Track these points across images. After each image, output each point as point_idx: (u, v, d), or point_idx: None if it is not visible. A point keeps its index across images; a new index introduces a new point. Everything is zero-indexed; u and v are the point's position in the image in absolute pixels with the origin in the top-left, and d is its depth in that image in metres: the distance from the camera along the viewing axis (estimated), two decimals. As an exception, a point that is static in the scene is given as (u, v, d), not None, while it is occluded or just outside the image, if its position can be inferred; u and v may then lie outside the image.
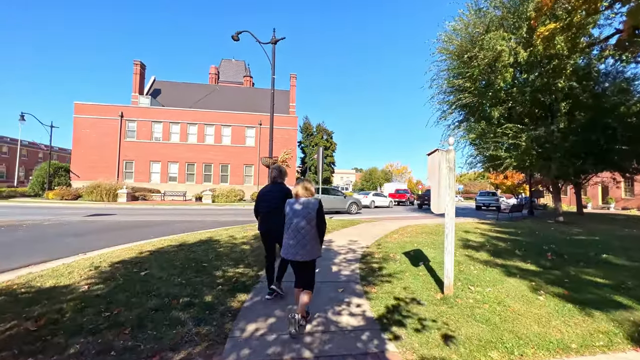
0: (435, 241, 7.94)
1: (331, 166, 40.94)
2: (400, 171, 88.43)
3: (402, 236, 8.83)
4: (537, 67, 12.27)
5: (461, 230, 10.25)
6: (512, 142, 11.89)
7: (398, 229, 10.42)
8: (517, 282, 4.49)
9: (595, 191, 40.46)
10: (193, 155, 29.47)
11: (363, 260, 5.96)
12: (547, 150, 11.65)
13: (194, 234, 8.36)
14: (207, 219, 13.33)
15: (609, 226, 12.81)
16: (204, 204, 23.10)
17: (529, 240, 8.42)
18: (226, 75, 50.07)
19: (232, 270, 4.94)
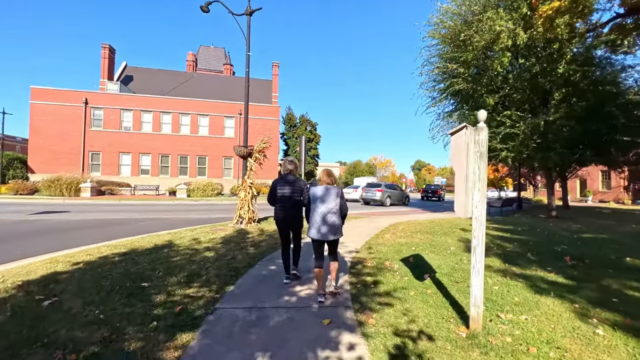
0: (434, 243, 6.92)
1: (315, 159, 39.64)
2: (384, 164, 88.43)
3: (396, 236, 7.78)
4: (536, 52, 11.44)
5: (458, 228, 9.33)
6: (510, 132, 11.06)
7: (389, 227, 9.38)
8: (555, 304, 3.47)
9: (574, 184, 41.31)
10: (167, 146, 27.45)
11: (353, 270, 4.82)
12: (547, 140, 10.90)
13: (150, 237, 6.97)
14: (177, 216, 11.86)
15: (604, 221, 12.31)
16: (178, 198, 21.39)
17: (535, 239, 7.56)
18: (204, 63, 47.52)
19: (181, 292, 3.68)
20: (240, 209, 8.98)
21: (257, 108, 30.60)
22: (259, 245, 6.46)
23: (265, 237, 7.28)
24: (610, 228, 9.93)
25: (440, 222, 10.92)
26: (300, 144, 10.89)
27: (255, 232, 7.90)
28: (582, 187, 39.98)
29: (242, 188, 9.16)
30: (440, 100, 14.55)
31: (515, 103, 11.52)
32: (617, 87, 11.66)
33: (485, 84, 12.69)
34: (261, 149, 9.34)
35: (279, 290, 3.92)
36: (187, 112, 28.13)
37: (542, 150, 11.10)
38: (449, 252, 5.97)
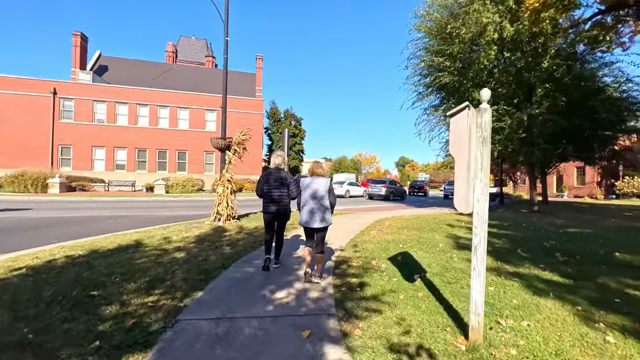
0: (422, 240, 6.62)
1: (300, 154, 39.03)
2: (369, 160, 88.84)
3: (382, 232, 7.45)
4: (522, 46, 11.35)
5: (444, 223, 9.13)
6: (496, 126, 10.95)
7: (375, 223, 9.06)
8: (556, 306, 3.18)
9: (552, 180, 42.65)
10: (144, 140, 26.20)
11: (337, 270, 4.42)
12: (532, 135, 10.86)
13: (116, 237, 6.34)
14: (152, 214, 11.13)
15: (584, 215, 12.49)
16: (156, 195, 20.41)
17: (523, 235, 7.41)
18: (185, 54, 45.83)
19: (138, 301, 3.16)
20: (218, 205, 8.41)
21: (240, 101, 29.71)
22: (236, 244, 5.96)
23: (244, 235, 6.78)
24: (592, 222, 10.01)
25: (426, 217, 10.72)
26: (283, 136, 10.40)
27: (234, 230, 7.38)
28: (559, 183, 41.32)
29: (220, 183, 8.59)
30: (426, 95, 14.35)
31: (501, 97, 11.43)
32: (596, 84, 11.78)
33: (471, 78, 12.54)
34: (241, 141, 8.78)
35: (254, 295, 3.47)
36: (166, 104, 26.92)
37: (526, 145, 11.07)
38: (437, 250, 5.67)
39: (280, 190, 4.40)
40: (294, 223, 7.73)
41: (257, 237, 6.62)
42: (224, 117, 9.05)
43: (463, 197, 2.42)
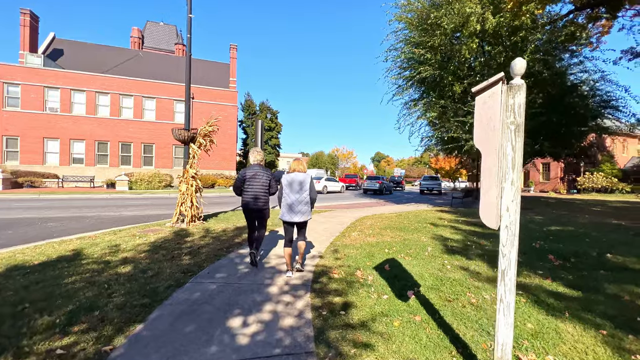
0: (408, 242, 6.09)
1: (276, 149, 37.83)
2: (346, 156, 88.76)
3: (364, 234, 6.85)
4: (503, 40, 11.15)
5: (427, 222, 8.71)
6: None
7: (355, 223, 8.47)
8: (577, 331, 2.68)
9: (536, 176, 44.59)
10: (105, 132, 24.08)
11: (316, 285, 3.74)
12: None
13: (49, 245, 5.26)
14: (107, 214, 9.88)
15: (557, 211, 12.65)
16: (118, 191, 18.73)
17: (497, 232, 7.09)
18: (153, 41, 42.94)
19: (42, 347, 2.29)
20: (181, 205, 7.45)
21: (212, 92, 28.16)
22: (198, 252, 5.11)
23: (209, 240, 5.92)
24: (569, 219, 10.02)
25: (408, 215, 10.30)
26: (256, 129, 9.55)
27: (198, 234, 6.48)
28: (526, 178, 43.21)
29: (183, 180, 7.61)
30: (406, 88, 13.93)
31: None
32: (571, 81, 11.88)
33: (452, 71, 12.24)
34: (207, 133, 7.82)
35: (212, 326, 2.70)
36: (130, 93, 24.87)
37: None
38: (426, 255, 5.14)
39: (259, 187, 4.33)
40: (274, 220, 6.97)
41: (224, 242, 5.79)
42: (188, 105, 8.04)
43: (493, 206, 1.79)
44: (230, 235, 6.40)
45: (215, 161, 27.96)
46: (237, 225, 7.58)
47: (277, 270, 4.28)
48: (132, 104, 24.94)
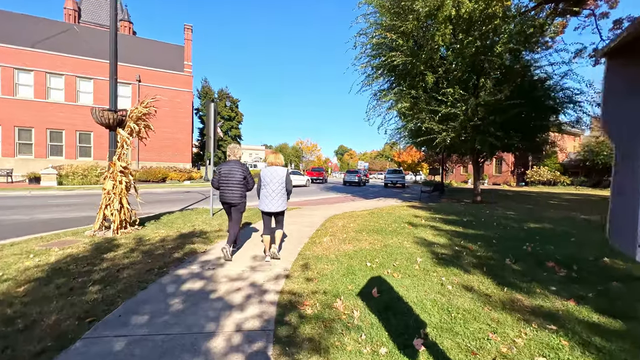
0: (391, 250, 5.15)
1: (237, 140, 35.47)
2: (311, 148, 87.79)
3: (338, 239, 5.81)
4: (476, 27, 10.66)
5: (403, 221, 7.93)
6: (450, 112, 10.13)
7: (326, 224, 7.42)
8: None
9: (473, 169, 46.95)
10: (29, 116, 20.43)
11: (282, 330, 2.59)
12: (486, 122, 10.33)
13: None
14: (13, 218, 7.77)
15: (522, 204, 12.75)
16: (42, 187, 15.80)
17: (493, 234, 6.50)
18: (91, 15, 37.85)
19: None
20: (105, 208, 5.80)
21: (163, 75, 25.33)
22: (117, 277, 3.68)
23: (138, 257, 4.47)
24: (540, 214, 9.90)
25: (380, 213, 9.50)
26: (208, 111, 8.04)
27: (125, 247, 4.97)
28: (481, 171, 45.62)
29: (108, 175, 5.95)
30: (376, 77, 13.06)
31: (456, 81, 10.68)
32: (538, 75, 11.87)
33: (424, 60, 11.58)
34: (141, 116, 6.20)
35: None
36: (60, 72, 21.33)
37: (481, 133, 10.55)
38: (417, 269, 4.22)
39: (234, 182, 4.53)
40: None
41: (158, 259, 4.39)
42: (114, 79, 6.30)
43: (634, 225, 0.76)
44: (169, 247, 4.99)
45: (168, 153, 25.36)
46: (182, 232, 6.13)
47: (227, 306, 3.05)
48: (63, 84, 21.43)
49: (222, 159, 33.90)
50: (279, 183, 4.38)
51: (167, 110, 25.34)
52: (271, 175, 4.39)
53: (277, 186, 4.38)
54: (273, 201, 4.37)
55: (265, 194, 4.41)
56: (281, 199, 4.41)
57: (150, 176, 20.89)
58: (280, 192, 4.40)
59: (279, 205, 4.40)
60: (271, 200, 4.37)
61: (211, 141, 8.11)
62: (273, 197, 4.37)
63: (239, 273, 3.99)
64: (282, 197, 4.42)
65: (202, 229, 6.46)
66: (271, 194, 4.38)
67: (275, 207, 4.38)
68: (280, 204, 4.41)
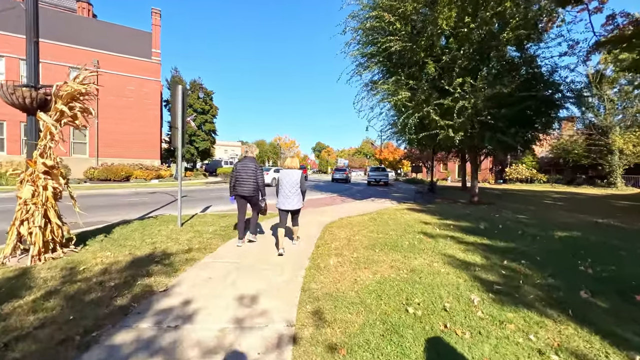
0: (424, 278, 3.83)
1: (211, 135, 32.90)
2: (289, 145, 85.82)
3: (349, 261, 4.44)
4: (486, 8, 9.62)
5: (415, 231, 6.71)
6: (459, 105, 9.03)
7: (326, 236, 6.03)
8: None
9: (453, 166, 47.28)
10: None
11: None
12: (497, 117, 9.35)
13: None
14: None
15: (524, 206, 12.03)
16: (-27, 188, 13.18)
17: (528, 247, 5.41)
18: (44, -7, 33.71)
19: None
20: (21, 225, 4.07)
21: (126, 62, 22.74)
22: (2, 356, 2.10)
23: (56, 308, 2.85)
24: (551, 217, 9.08)
25: (382, 218, 8.26)
26: (174, 97, 6.38)
27: (41, 288, 3.31)
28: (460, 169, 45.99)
29: (26, 178, 4.19)
30: (371, 66, 11.77)
31: (463, 71, 9.62)
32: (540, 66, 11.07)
33: (424, 47, 10.45)
34: (75, 95, 4.48)
35: None
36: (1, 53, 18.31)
37: (490, 129, 9.58)
38: (483, 317, 2.93)
39: (249, 176, 5.04)
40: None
41: (89, 309, 2.81)
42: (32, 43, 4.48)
43: None
44: (112, 285, 3.40)
45: (133, 149, 22.85)
46: (137, 254, 4.51)
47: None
48: (4, 67, 18.44)
49: (196, 155, 31.41)
50: (295, 184, 4.82)
51: (131, 101, 22.80)
52: (288, 177, 4.85)
53: (293, 187, 4.82)
54: (289, 200, 4.83)
55: (282, 194, 4.86)
56: (297, 197, 4.86)
57: (111, 175, 18.51)
58: (296, 192, 4.85)
59: (295, 204, 4.85)
60: (288, 200, 4.83)
61: (179, 133, 6.46)
62: (289, 196, 4.83)
63: (218, 335, 2.53)
64: (297, 196, 4.88)
65: (166, 249, 4.87)
66: (287, 194, 4.83)
67: (292, 205, 4.83)
68: (296, 202, 4.86)
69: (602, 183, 29.95)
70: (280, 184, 4.89)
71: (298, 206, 4.89)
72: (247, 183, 5.03)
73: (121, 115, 22.17)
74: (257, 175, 5.06)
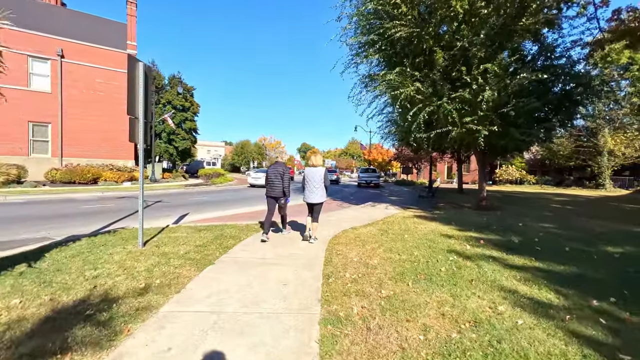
0: (502, 338, 2.52)
1: (192, 133, 30.66)
2: (274, 145, 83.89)
3: (377, 306, 3.08)
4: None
5: (440, 247, 5.43)
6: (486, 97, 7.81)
7: (333, 258, 4.64)
8: None
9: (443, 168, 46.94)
10: None
11: None
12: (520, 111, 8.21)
13: None
14: None
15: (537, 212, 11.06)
16: None
17: (593, 273, 4.23)
18: (5, -23, 30.68)
19: None
20: None
21: (96, 52, 20.64)
22: None
23: None
24: (580, 226, 8.05)
25: (392, 229, 6.97)
26: (132, 75, 4.83)
27: None
28: (449, 171, 45.67)
29: None
30: (369, 55, 10.45)
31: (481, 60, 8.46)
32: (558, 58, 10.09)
33: (434, 35, 9.28)
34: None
35: None
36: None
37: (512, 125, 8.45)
38: None
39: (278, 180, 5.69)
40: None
41: None
42: None
43: None
44: None
45: (104, 148, 20.73)
46: (62, 302, 2.99)
47: None
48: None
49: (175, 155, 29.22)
50: (319, 180, 5.55)
51: (102, 95, 20.66)
52: (312, 174, 5.61)
53: (317, 182, 5.55)
54: (314, 194, 5.56)
55: (308, 189, 5.62)
56: (320, 192, 5.56)
57: (76, 177, 16.44)
58: (319, 187, 5.55)
59: (318, 198, 5.56)
60: (313, 194, 5.57)
61: (139, 125, 4.92)
62: (313, 191, 5.56)
63: None
64: (321, 190, 5.57)
65: (111, 288, 3.35)
66: (312, 189, 5.57)
67: (316, 199, 5.55)
68: (320, 196, 5.56)
69: (590, 184, 30.03)
70: (307, 180, 5.60)
71: (322, 199, 5.55)
72: (276, 185, 5.68)
73: (89, 110, 20.00)
74: (283, 178, 5.66)
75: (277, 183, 5.66)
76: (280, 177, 5.66)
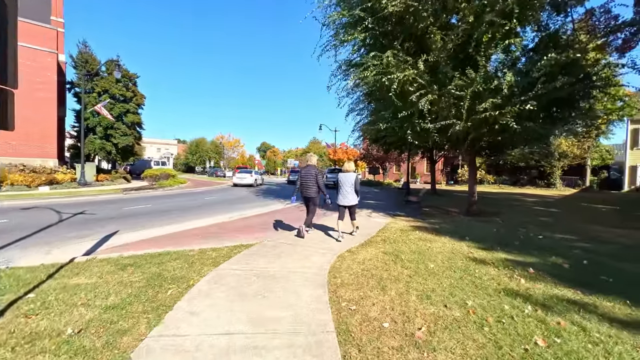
0: None
1: (135, 128, 26.43)
2: (233, 144, 79.46)
3: None
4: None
5: (485, 285, 3.84)
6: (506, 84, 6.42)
7: (343, 322, 2.78)
8: None
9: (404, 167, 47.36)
10: None
11: None
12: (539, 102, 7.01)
13: None
14: None
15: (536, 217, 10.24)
16: None
17: None
18: None
19: None
20: None
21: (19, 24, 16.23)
22: None
23: None
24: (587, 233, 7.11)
25: (401, 251, 5.30)
26: None
27: None
28: (413, 171, 46.14)
29: None
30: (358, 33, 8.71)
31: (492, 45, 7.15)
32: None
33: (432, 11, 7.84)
34: None
35: None
36: None
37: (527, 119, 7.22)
38: None
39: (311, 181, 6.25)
40: None
41: None
42: None
43: None
44: None
45: (12, 143, 16.55)
46: None
47: None
48: None
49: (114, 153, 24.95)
50: (351, 184, 6.07)
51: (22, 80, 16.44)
52: (345, 179, 6.11)
53: (349, 186, 6.07)
54: (346, 198, 6.10)
55: (341, 193, 6.14)
56: (352, 195, 6.09)
57: (-33, 180, 12.53)
58: (351, 191, 6.08)
59: (351, 200, 6.10)
60: (345, 197, 6.10)
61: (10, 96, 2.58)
62: (346, 195, 6.09)
63: None
64: (353, 194, 6.09)
65: None
66: (345, 193, 6.10)
67: (349, 202, 6.11)
68: (352, 199, 6.10)
69: (542, 184, 31.78)
70: (340, 185, 6.18)
71: (354, 202, 6.13)
72: (310, 187, 6.25)
73: (-7, 95, 15.77)
74: (317, 179, 6.22)
75: (311, 184, 6.20)
76: (314, 178, 6.19)
